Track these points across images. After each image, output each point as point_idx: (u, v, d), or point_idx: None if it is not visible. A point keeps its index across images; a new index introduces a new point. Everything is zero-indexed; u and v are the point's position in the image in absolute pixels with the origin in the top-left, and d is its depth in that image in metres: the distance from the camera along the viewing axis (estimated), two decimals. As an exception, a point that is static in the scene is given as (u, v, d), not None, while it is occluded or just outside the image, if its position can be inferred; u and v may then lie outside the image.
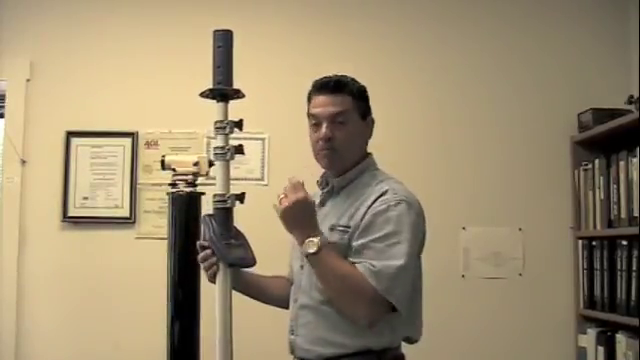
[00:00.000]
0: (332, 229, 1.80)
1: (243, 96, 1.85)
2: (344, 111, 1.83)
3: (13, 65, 3.11)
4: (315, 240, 1.71)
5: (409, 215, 1.75)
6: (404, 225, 1.73)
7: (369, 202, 1.78)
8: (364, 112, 1.88)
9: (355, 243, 1.75)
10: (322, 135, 1.82)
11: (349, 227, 1.78)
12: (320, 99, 1.85)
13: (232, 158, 1.81)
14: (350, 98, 1.84)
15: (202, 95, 1.83)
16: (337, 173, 1.89)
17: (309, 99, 1.91)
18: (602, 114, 2.90)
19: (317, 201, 1.94)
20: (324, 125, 1.83)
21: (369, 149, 1.95)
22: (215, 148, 1.82)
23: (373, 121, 1.92)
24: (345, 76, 1.89)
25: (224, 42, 1.82)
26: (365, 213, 1.76)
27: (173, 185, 2.14)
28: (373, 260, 1.70)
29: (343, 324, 1.74)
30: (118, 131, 3.09)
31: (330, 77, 1.88)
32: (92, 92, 3.11)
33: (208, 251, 1.80)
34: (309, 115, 1.89)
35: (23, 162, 3.07)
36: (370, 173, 1.88)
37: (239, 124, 1.81)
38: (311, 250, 1.71)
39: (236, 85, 1.87)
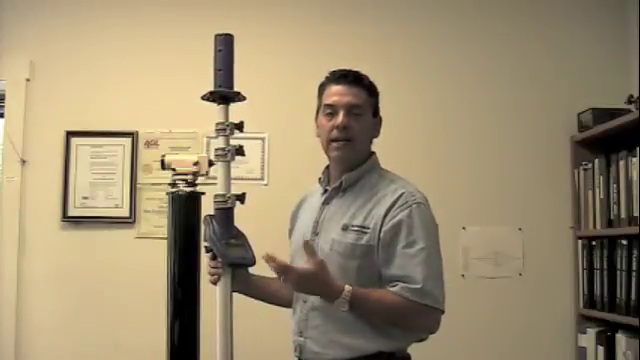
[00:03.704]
0: (345, 228, 1.79)
1: (244, 99, 1.86)
2: (361, 104, 1.83)
3: (13, 65, 3.11)
4: (343, 298, 1.69)
5: (428, 215, 1.79)
6: (427, 228, 1.76)
7: (386, 205, 1.77)
8: (375, 109, 1.89)
9: (384, 253, 1.75)
10: (339, 122, 1.81)
11: (366, 228, 1.77)
12: (337, 88, 1.84)
13: (233, 159, 1.85)
14: (365, 92, 1.85)
15: (203, 98, 1.85)
16: (345, 167, 1.87)
17: (322, 90, 1.89)
18: (602, 114, 2.90)
19: (318, 198, 1.93)
20: (341, 113, 1.81)
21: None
22: (216, 149, 1.85)
23: (381, 120, 1.92)
24: (358, 72, 1.89)
25: (225, 46, 1.85)
26: (385, 216, 1.76)
27: (173, 185, 2.14)
28: (405, 267, 1.71)
29: (355, 327, 1.74)
30: (118, 131, 3.09)
31: (347, 70, 1.87)
32: (92, 92, 3.11)
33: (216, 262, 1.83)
34: (323, 105, 1.86)
35: (23, 162, 3.07)
36: (377, 172, 1.88)
37: (240, 126, 1.85)
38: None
39: (236, 85, 1.88)
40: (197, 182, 2.15)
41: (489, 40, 3.18)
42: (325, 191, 1.92)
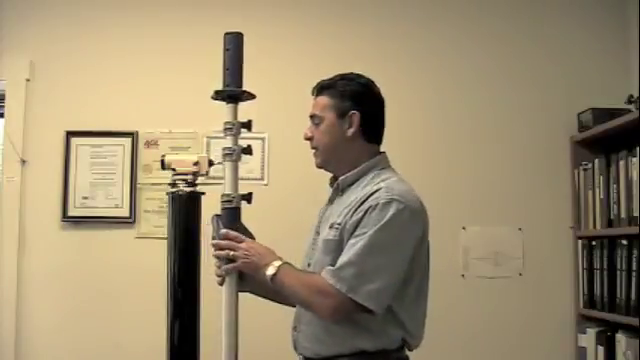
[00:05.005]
0: (331, 227, 1.82)
1: (252, 97, 1.87)
2: (317, 113, 1.90)
3: (13, 65, 3.11)
4: (275, 264, 1.77)
5: (400, 214, 1.73)
6: (386, 224, 1.71)
7: (361, 200, 1.78)
8: (344, 110, 1.87)
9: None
10: (303, 135, 1.93)
11: (341, 224, 1.79)
12: None
13: (239, 159, 1.84)
14: (328, 99, 1.89)
15: (212, 97, 1.86)
16: (331, 171, 1.94)
17: None
18: (602, 114, 2.90)
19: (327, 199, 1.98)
20: (307, 126, 1.93)
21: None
22: (224, 149, 1.86)
23: (355, 115, 1.86)
24: (337, 76, 1.91)
25: (233, 44, 1.85)
26: (355, 210, 1.77)
27: (173, 185, 2.14)
28: (343, 257, 1.72)
29: (335, 325, 1.76)
30: (118, 131, 3.09)
31: (323, 80, 1.93)
32: (92, 92, 3.11)
33: (222, 252, 1.83)
34: None
35: (23, 162, 3.07)
36: (376, 172, 1.88)
37: (247, 125, 1.86)
38: (270, 272, 1.76)
39: (238, 85, 1.88)
40: (197, 182, 2.15)
41: (489, 40, 3.18)
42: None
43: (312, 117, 1.91)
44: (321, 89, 1.92)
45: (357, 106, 1.87)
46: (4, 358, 2.95)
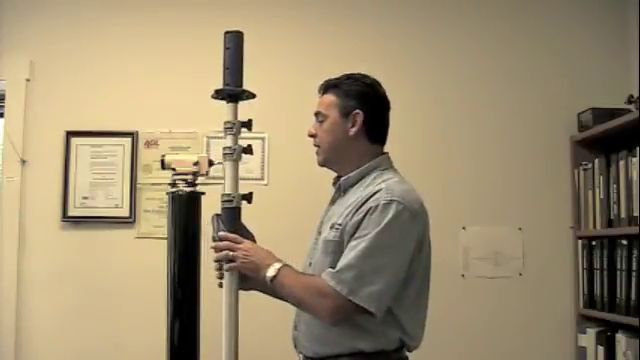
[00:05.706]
0: (331, 227, 1.82)
1: (253, 96, 1.87)
2: (322, 110, 1.91)
3: (13, 65, 3.11)
4: (275, 265, 1.77)
5: (399, 216, 1.73)
6: (386, 226, 1.71)
7: (362, 200, 1.78)
8: (347, 109, 1.87)
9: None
10: (307, 133, 1.94)
11: (341, 225, 1.79)
12: None
13: (239, 158, 1.85)
14: (333, 97, 1.90)
15: (212, 97, 1.86)
16: (333, 169, 1.94)
17: None
18: (602, 114, 2.90)
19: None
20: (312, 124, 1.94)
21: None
22: (224, 148, 1.87)
23: (362, 116, 1.86)
24: (344, 76, 1.92)
25: (233, 43, 1.85)
26: (355, 211, 1.77)
27: (173, 185, 2.14)
28: (343, 259, 1.72)
29: (334, 326, 1.76)
30: (118, 131, 3.09)
31: (330, 79, 1.93)
32: (92, 92, 3.11)
33: (221, 254, 1.83)
34: None
35: (23, 162, 3.07)
36: (378, 173, 1.88)
37: (247, 124, 1.86)
38: (270, 273, 1.76)
39: (238, 84, 1.88)
40: (197, 182, 2.15)
41: (489, 40, 3.17)
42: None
43: (317, 114, 1.92)
44: (327, 87, 1.93)
45: (361, 106, 1.87)
46: (4, 358, 2.95)
